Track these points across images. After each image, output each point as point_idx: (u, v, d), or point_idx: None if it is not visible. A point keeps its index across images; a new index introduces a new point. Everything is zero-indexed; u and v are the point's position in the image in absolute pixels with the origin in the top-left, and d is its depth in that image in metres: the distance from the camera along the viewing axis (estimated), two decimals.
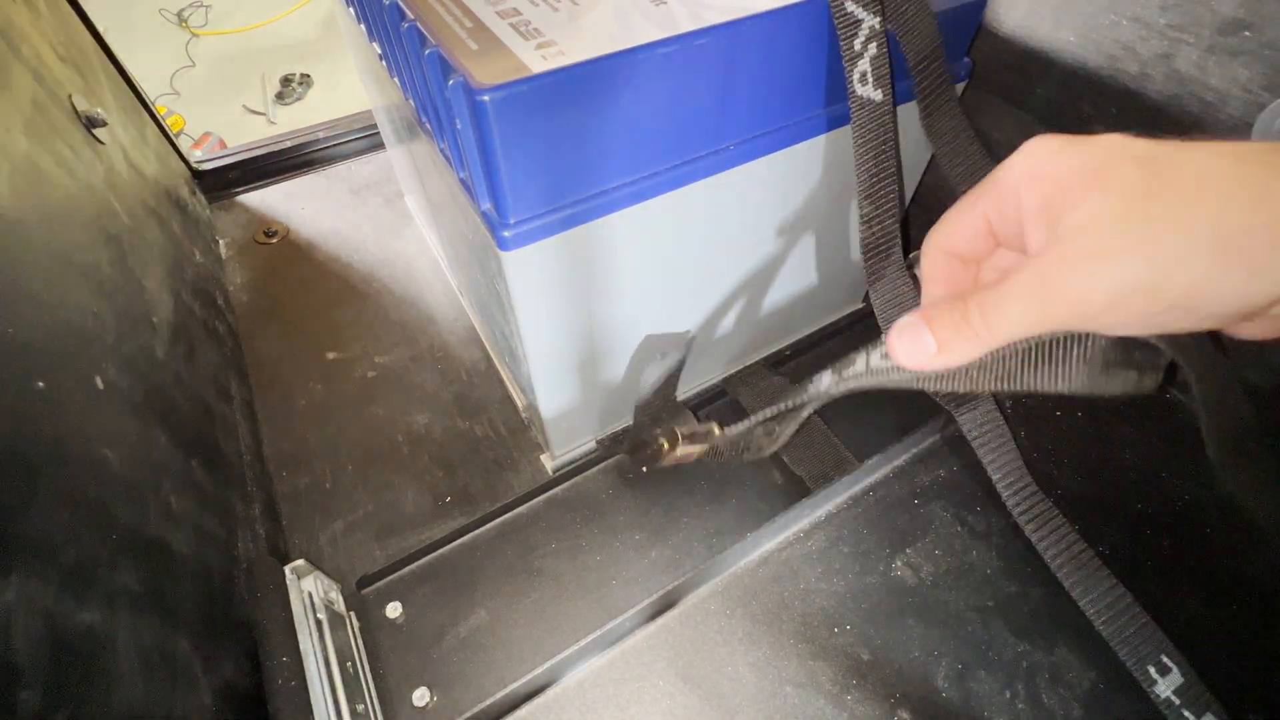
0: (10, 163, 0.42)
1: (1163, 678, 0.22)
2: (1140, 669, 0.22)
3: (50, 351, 0.37)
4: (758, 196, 0.45)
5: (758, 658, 0.37)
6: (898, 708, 0.36)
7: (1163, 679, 0.22)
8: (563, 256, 0.38)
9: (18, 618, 0.26)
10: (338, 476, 0.60)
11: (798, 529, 0.42)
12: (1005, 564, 0.40)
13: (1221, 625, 0.36)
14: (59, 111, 0.54)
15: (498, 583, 0.51)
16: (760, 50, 0.36)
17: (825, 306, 0.68)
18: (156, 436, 0.44)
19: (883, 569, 0.40)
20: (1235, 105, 0.39)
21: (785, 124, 0.42)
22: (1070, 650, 0.37)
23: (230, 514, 0.49)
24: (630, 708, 0.36)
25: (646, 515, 0.54)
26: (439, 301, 0.76)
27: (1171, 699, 0.22)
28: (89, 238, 0.48)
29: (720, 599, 0.39)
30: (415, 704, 0.45)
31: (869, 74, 0.37)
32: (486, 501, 0.58)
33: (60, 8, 0.69)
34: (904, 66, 0.40)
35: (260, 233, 0.86)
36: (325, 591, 0.47)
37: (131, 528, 0.36)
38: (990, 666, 0.37)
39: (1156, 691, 0.22)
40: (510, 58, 0.32)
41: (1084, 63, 0.46)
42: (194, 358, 0.57)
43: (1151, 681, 0.22)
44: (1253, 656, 0.35)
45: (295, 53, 2.12)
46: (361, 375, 0.69)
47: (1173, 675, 0.22)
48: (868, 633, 0.38)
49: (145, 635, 0.33)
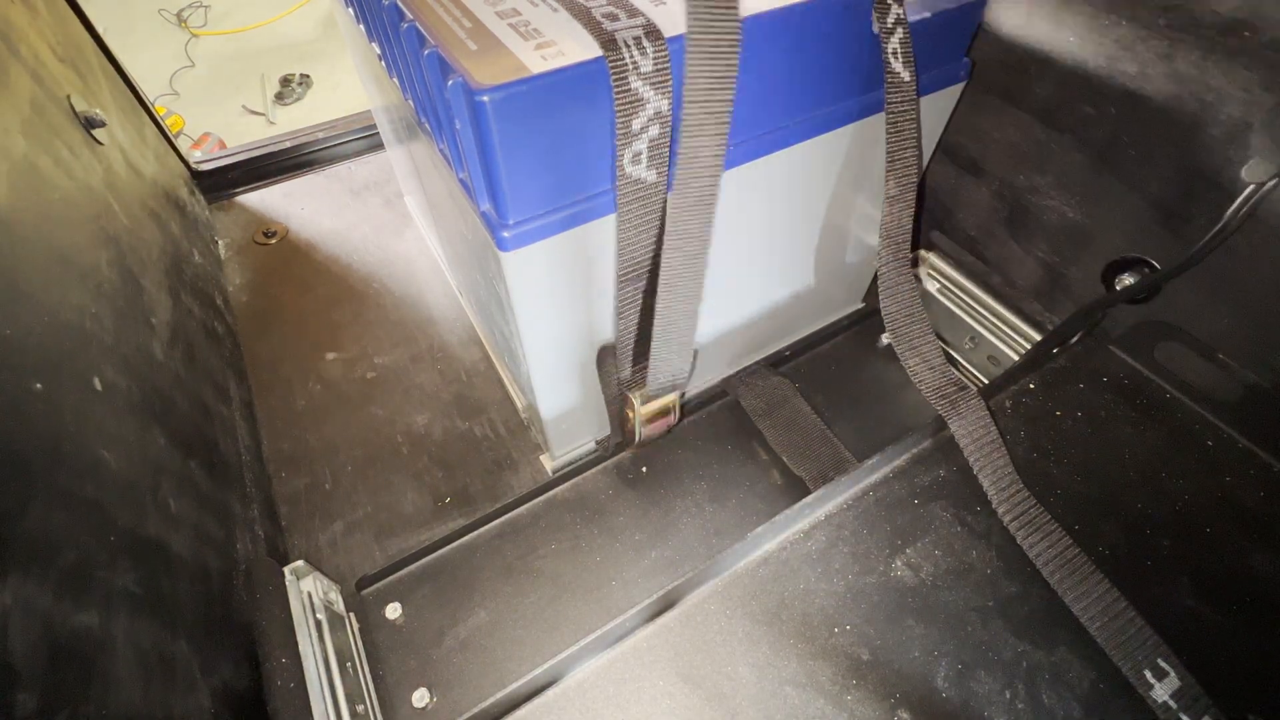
0: (9, 163, 0.42)
1: (1159, 681, 0.22)
2: (1136, 674, 0.22)
3: (48, 352, 0.37)
4: (757, 197, 0.45)
5: (758, 658, 0.37)
6: (898, 708, 0.36)
7: (1160, 683, 0.22)
8: (562, 257, 0.38)
9: (15, 619, 0.26)
10: (337, 477, 0.60)
11: (798, 529, 0.42)
12: (1005, 564, 0.40)
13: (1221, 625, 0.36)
14: (57, 112, 0.54)
15: (497, 583, 0.51)
16: (759, 51, 0.36)
17: (825, 306, 0.68)
18: (155, 437, 0.44)
19: (883, 569, 0.40)
20: (1235, 105, 0.39)
21: (784, 126, 0.42)
22: (1070, 650, 0.37)
23: (229, 515, 0.49)
24: (630, 708, 0.36)
25: (646, 515, 0.54)
26: (438, 302, 0.76)
27: (1169, 703, 0.22)
28: (87, 238, 0.48)
29: (720, 599, 0.39)
30: (415, 705, 0.45)
31: (900, 52, 0.38)
32: (486, 502, 0.58)
33: (59, 8, 0.69)
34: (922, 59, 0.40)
35: (259, 233, 0.86)
36: (324, 592, 0.47)
37: (129, 529, 0.36)
38: (990, 666, 0.37)
39: (1154, 696, 0.22)
40: (509, 58, 0.32)
41: (1084, 62, 0.46)
42: (193, 358, 0.57)
43: (1148, 686, 0.22)
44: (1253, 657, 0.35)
45: (295, 53, 2.12)
46: (361, 376, 0.69)
47: (1170, 679, 0.22)
48: (868, 633, 0.38)
49: (143, 637, 0.33)
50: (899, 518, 0.42)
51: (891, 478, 0.44)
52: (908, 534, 0.41)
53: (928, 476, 0.44)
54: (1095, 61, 0.45)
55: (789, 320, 0.65)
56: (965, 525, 0.42)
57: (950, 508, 0.42)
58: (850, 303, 0.70)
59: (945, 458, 0.45)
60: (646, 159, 0.34)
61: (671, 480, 0.57)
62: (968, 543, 0.41)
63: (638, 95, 0.32)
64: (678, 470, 0.57)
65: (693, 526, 0.54)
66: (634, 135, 0.33)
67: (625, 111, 0.32)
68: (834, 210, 0.53)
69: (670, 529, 0.54)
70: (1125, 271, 0.50)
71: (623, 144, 0.33)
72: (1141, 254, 0.49)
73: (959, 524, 0.42)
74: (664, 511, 0.55)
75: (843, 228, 0.56)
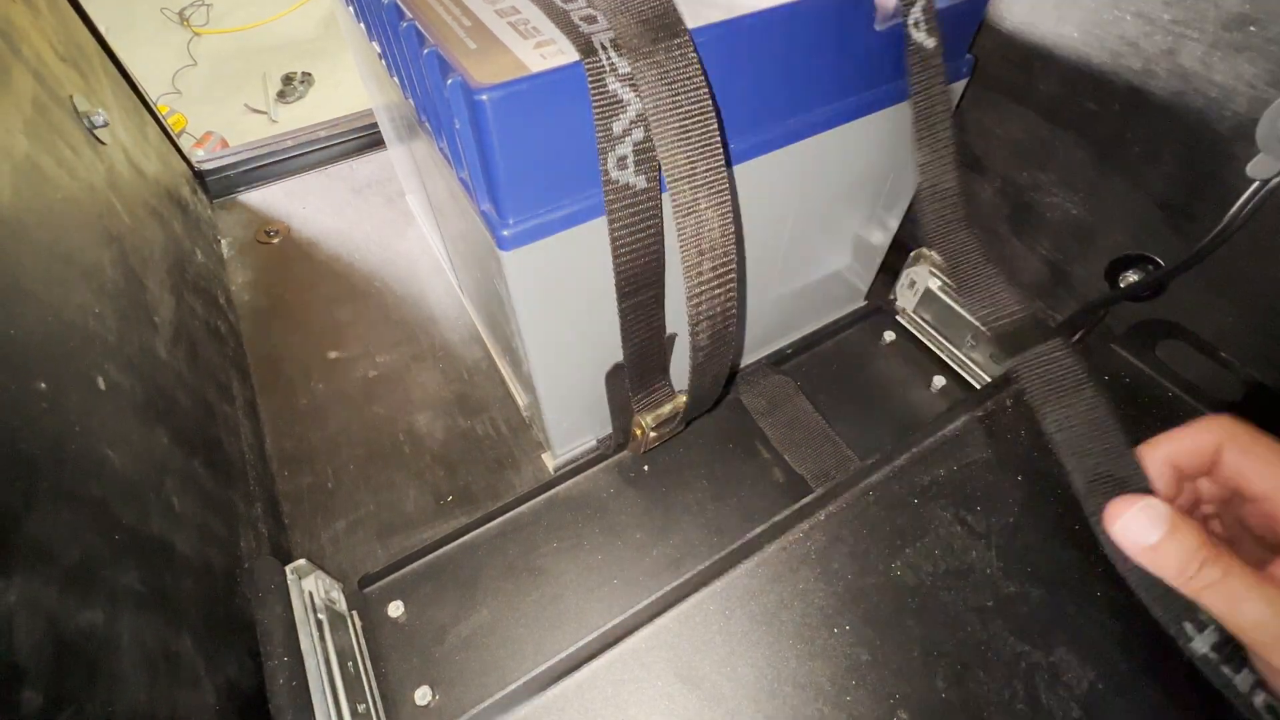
0: (11, 163, 0.42)
1: (1199, 634, 0.22)
2: (1176, 625, 0.23)
3: (52, 351, 0.37)
4: (758, 195, 0.45)
5: (758, 658, 0.37)
6: (897, 708, 0.36)
7: (1199, 635, 0.22)
8: (563, 256, 0.38)
9: (21, 617, 0.26)
10: (339, 476, 0.61)
11: (798, 529, 0.42)
12: (1005, 564, 0.40)
13: None
14: (60, 111, 0.54)
15: (499, 582, 0.51)
16: (758, 49, 0.36)
17: (827, 305, 0.68)
18: (158, 436, 0.44)
19: (883, 569, 0.40)
20: (1240, 101, 0.39)
21: (784, 124, 0.41)
22: (1070, 650, 0.37)
23: (232, 513, 0.49)
24: (630, 708, 0.36)
25: (647, 515, 0.55)
26: (440, 300, 0.76)
27: (1209, 655, 0.22)
28: (90, 238, 0.48)
29: (720, 599, 0.39)
30: (417, 703, 0.45)
31: (922, 22, 0.38)
32: (488, 500, 0.58)
33: (61, 7, 0.69)
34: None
35: (262, 232, 0.86)
36: (327, 591, 0.48)
37: (133, 527, 0.36)
38: (990, 666, 0.37)
39: (1194, 648, 0.23)
40: (509, 56, 0.32)
41: (1087, 59, 0.46)
42: (196, 357, 0.57)
43: (1188, 638, 0.23)
44: None
45: (296, 51, 2.12)
46: (363, 374, 0.69)
47: (1210, 631, 0.22)
48: (867, 633, 0.38)
49: (147, 634, 0.33)
50: (899, 518, 0.42)
51: (891, 478, 0.44)
52: (908, 534, 0.41)
53: (928, 476, 0.44)
54: (1099, 57, 0.45)
55: (791, 318, 0.65)
56: (965, 525, 0.42)
57: (950, 508, 0.42)
58: (852, 300, 0.70)
59: (945, 457, 0.45)
60: (633, 164, 0.33)
61: (673, 479, 0.57)
62: (968, 543, 0.41)
63: (616, 98, 0.31)
64: (679, 469, 0.57)
65: (694, 525, 0.54)
66: (615, 139, 0.32)
67: (604, 115, 0.31)
68: (836, 207, 0.53)
69: (671, 527, 0.54)
70: (1129, 269, 0.50)
71: (605, 148, 0.32)
72: (1145, 251, 0.49)
73: (959, 524, 0.42)
74: (665, 510, 0.55)
75: (845, 225, 0.56)
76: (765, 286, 0.56)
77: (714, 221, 0.34)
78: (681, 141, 0.32)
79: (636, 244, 0.35)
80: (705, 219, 0.33)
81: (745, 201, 0.44)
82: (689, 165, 0.32)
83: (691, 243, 0.34)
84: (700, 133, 0.32)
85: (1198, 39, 0.39)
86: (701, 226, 0.33)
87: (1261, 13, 0.37)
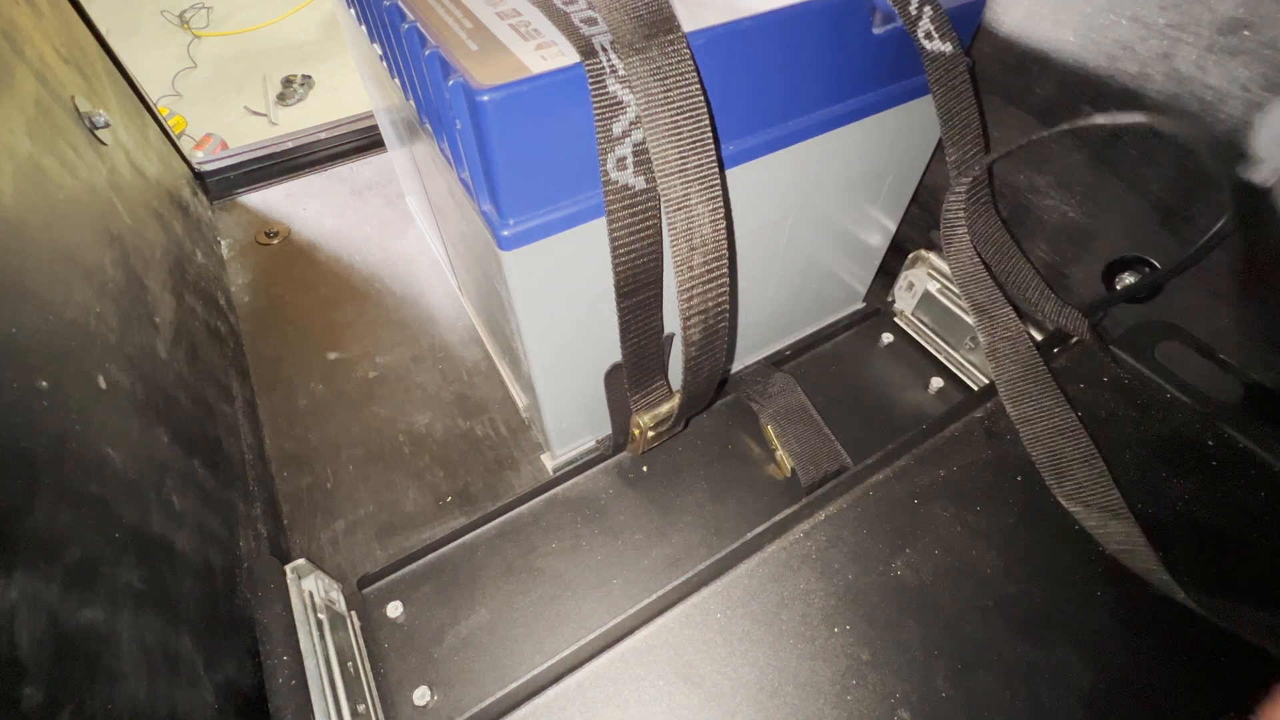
0: (14, 163, 0.42)
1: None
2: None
3: (53, 351, 0.37)
4: (757, 197, 0.45)
5: (758, 657, 0.37)
6: (898, 707, 0.36)
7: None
8: (564, 256, 0.38)
9: (21, 615, 0.26)
10: (339, 476, 0.61)
11: (798, 529, 0.42)
12: (1005, 564, 0.40)
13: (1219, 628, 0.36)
14: (62, 112, 0.54)
15: (498, 582, 0.51)
16: (757, 53, 0.36)
17: (825, 307, 0.68)
18: (159, 436, 0.44)
19: (882, 569, 0.40)
20: (1234, 105, 0.39)
21: (782, 127, 0.42)
22: (1070, 650, 0.37)
23: (232, 513, 0.49)
24: (630, 708, 0.36)
25: (647, 515, 0.55)
26: (440, 301, 0.76)
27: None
28: (92, 238, 0.48)
29: (720, 599, 0.39)
30: (416, 703, 0.45)
31: (933, 32, 0.39)
32: (487, 501, 0.58)
33: (63, 9, 0.70)
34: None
35: (262, 233, 0.86)
36: (326, 591, 0.48)
37: (134, 526, 0.36)
38: (990, 666, 0.37)
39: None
40: (510, 58, 0.32)
41: (1083, 62, 0.46)
42: (196, 358, 0.57)
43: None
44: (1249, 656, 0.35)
45: (296, 54, 2.12)
46: (363, 375, 0.69)
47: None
48: (867, 633, 0.38)
49: (147, 633, 0.33)
50: (899, 518, 0.42)
51: (891, 478, 0.44)
52: (908, 534, 0.41)
53: (928, 476, 0.44)
54: (1095, 61, 0.45)
55: (790, 320, 0.65)
56: (965, 525, 0.42)
57: (950, 508, 0.42)
58: (851, 303, 0.70)
59: (945, 457, 0.45)
60: (633, 164, 0.33)
61: (672, 479, 0.57)
62: (968, 543, 0.41)
63: (616, 99, 0.31)
64: (678, 469, 0.57)
65: (693, 525, 0.54)
66: (615, 140, 0.32)
67: (604, 116, 0.32)
68: (834, 210, 0.53)
69: (671, 528, 0.54)
70: (1125, 271, 0.50)
71: (605, 149, 0.32)
72: (1142, 253, 0.49)
73: (959, 524, 0.42)
74: (665, 510, 0.55)
75: (844, 227, 0.57)
76: (764, 288, 0.56)
77: (705, 217, 0.34)
78: (673, 136, 0.32)
79: (635, 244, 0.36)
80: (696, 214, 0.34)
81: (744, 204, 0.44)
82: (680, 160, 0.33)
83: (682, 237, 0.34)
84: (692, 128, 0.32)
85: (1193, 43, 0.40)
86: (692, 221, 0.34)
87: (1256, 17, 0.37)
